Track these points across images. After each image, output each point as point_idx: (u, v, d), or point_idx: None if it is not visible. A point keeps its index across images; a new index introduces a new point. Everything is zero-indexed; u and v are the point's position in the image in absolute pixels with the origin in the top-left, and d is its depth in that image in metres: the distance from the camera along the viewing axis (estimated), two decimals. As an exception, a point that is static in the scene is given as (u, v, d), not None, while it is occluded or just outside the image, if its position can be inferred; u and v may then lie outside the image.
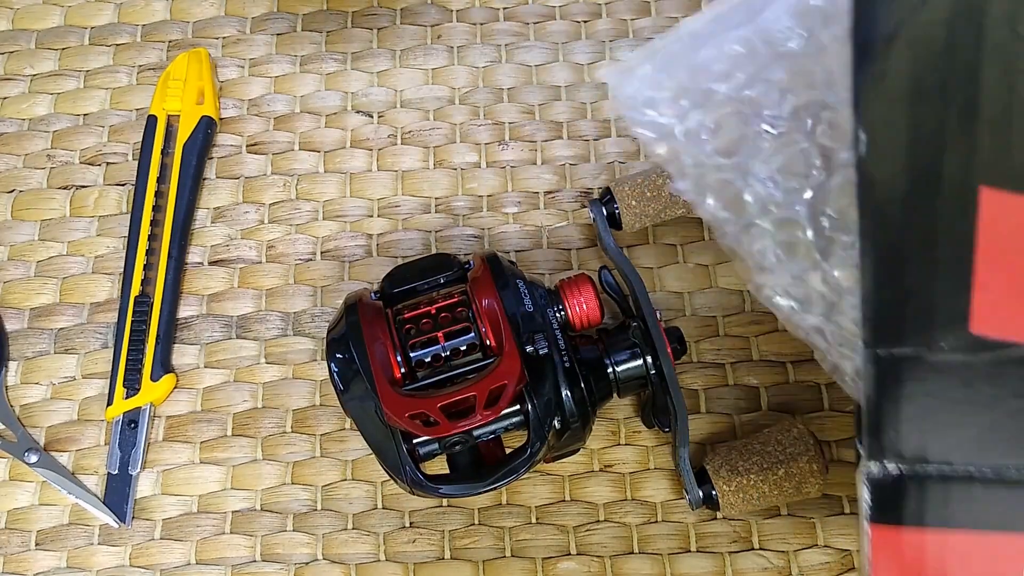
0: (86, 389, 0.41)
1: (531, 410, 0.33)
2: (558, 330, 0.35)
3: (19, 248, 0.44)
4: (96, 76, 0.48)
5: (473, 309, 0.35)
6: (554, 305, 0.36)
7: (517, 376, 0.32)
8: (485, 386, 0.32)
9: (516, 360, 0.33)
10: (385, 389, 0.33)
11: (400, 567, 0.38)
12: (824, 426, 0.40)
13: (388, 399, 0.32)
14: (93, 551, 0.39)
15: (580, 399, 0.34)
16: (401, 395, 0.33)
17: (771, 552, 0.38)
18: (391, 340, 0.34)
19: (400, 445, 0.33)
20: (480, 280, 0.35)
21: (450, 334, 0.34)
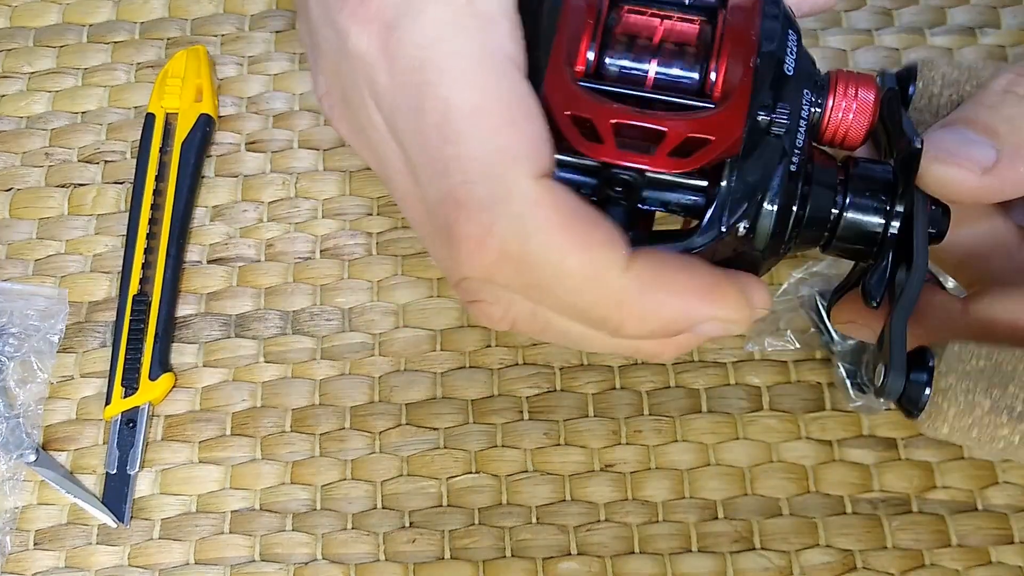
0: (84, 388, 0.41)
1: (722, 191, 0.23)
2: (805, 122, 0.24)
3: (17, 246, 0.44)
4: (94, 74, 0.47)
5: (716, 41, 0.24)
6: (815, 94, 0.25)
7: (731, 138, 0.22)
8: (683, 128, 0.22)
9: (739, 118, 0.22)
10: (557, 70, 0.23)
11: (400, 567, 0.38)
12: (825, 426, 0.40)
13: (554, 83, 0.22)
14: (91, 551, 0.39)
15: (783, 221, 0.24)
16: (573, 85, 0.23)
17: (772, 552, 0.38)
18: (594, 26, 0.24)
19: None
20: (742, 8, 0.24)
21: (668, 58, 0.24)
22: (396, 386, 0.41)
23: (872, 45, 0.46)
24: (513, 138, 0.20)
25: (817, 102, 0.25)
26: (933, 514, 0.39)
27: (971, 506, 0.39)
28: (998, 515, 0.38)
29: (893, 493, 0.39)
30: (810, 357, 0.41)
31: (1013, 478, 0.39)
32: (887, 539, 0.38)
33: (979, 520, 0.38)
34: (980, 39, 0.46)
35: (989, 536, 0.38)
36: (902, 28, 0.47)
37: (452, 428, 0.40)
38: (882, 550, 0.38)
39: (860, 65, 0.46)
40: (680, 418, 0.40)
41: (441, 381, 0.41)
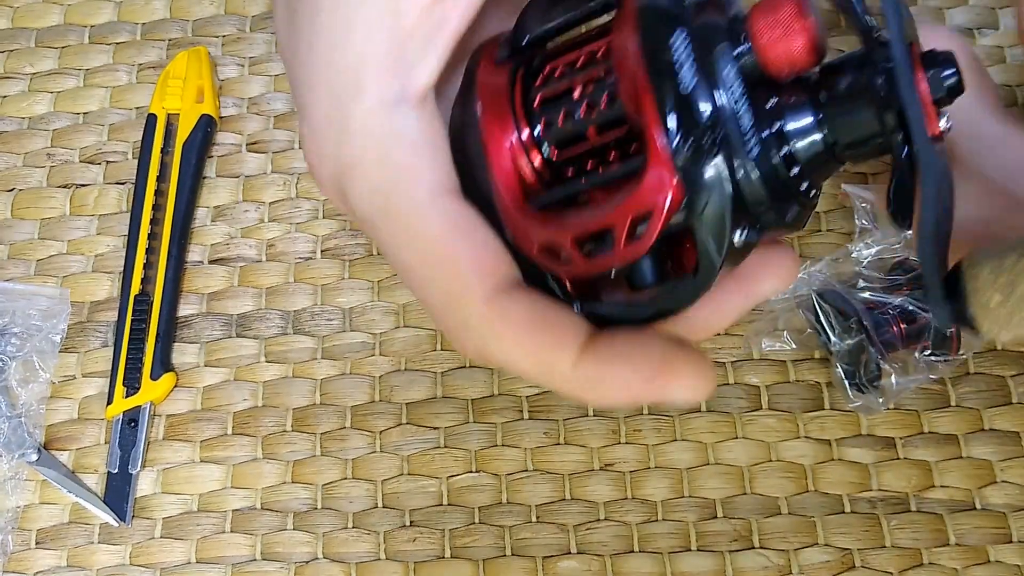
0: (86, 388, 0.41)
1: (697, 239, 0.22)
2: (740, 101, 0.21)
3: (19, 247, 0.44)
4: (96, 75, 0.47)
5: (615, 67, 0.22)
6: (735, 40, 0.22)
7: (666, 198, 0.21)
8: (623, 213, 0.22)
9: (665, 170, 0.21)
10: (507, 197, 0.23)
11: (400, 566, 0.38)
12: (824, 425, 0.40)
13: (511, 218, 0.23)
14: (93, 550, 0.39)
15: (753, 228, 0.22)
16: (527, 215, 0.23)
17: (771, 551, 0.38)
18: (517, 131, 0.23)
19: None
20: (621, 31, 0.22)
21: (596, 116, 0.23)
22: (396, 385, 0.41)
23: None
24: (459, 273, 0.22)
25: (745, 50, 0.21)
26: (931, 513, 0.39)
27: (969, 505, 0.39)
28: (996, 514, 0.39)
29: (892, 492, 0.39)
30: (809, 357, 0.41)
31: (1011, 477, 0.39)
32: (885, 538, 0.38)
33: (977, 519, 0.39)
34: (979, 40, 0.47)
35: (987, 535, 0.38)
36: (901, 29, 0.47)
37: (452, 427, 0.40)
38: (881, 549, 0.38)
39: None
40: (679, 417, 0.40)
41: (441, 380, 0.41)
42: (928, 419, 0.40)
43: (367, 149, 0.22)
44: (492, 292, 0.22)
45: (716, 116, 0.21)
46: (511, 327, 0.22)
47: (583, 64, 0.23)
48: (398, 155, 0.21)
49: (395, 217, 0.22)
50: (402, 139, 0.21)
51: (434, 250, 0.22)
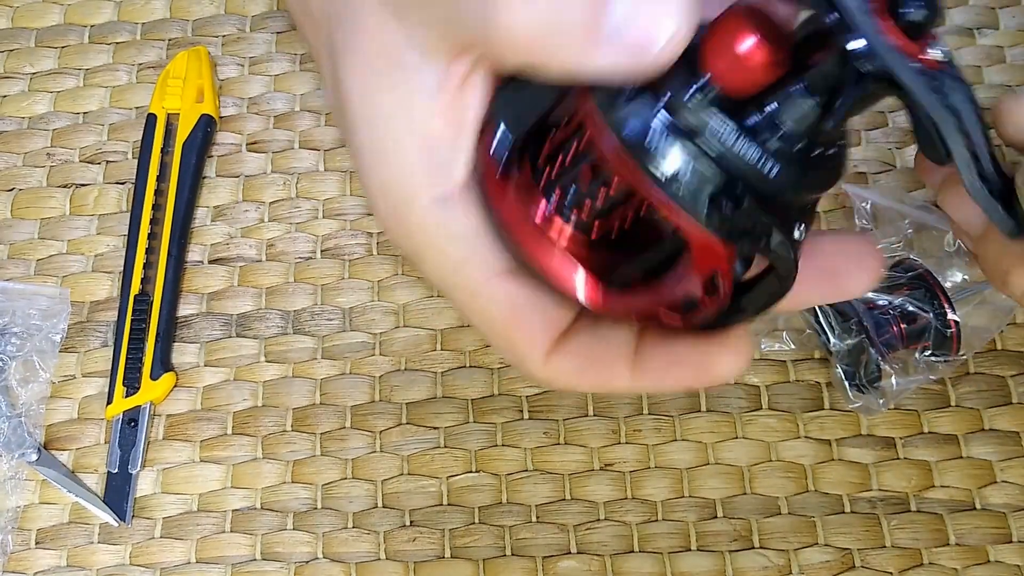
0: (86, 388, 0.41)
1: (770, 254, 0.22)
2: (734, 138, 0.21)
3: (19, 247, 0.44)
4: (96, 74, 0.47)
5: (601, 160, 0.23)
6: (693, 79, 0.21)
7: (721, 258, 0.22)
8: (694, 281, 0.23)
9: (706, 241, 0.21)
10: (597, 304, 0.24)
11: (400, 566, 0.38)
12: (824, 425, 0.40)
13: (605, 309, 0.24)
14: (93, 550, 0.39)
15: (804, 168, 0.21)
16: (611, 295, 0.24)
17: (771, 551, 0.38)
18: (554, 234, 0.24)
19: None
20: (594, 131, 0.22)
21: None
22: (396, 385, 0.41)
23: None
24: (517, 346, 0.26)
25: (704, 81, 0.21)
26: (931, 513, 0.39)
27: (969, 505, 0.39)
28: (996, 514, 0.39)
29: (891, 492, 0.39)
30: (809, 356, 0.41)
31: (1011, 477, 0.39)
32: (886, 538, 0.38)
33: (977, 519, 0.39)
34: (978, 40, 0.46)
35: (987, 535, 0.38)
36: (901, 29, 0.47)
37: (452, 427, 0.40)
38: (881, 549, 0.38)
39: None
40: (679, 417, 0.40)
41: (441, 380, 0.41)
42: (928, 419, 0.40)
43: (426, 245, 0.25)
44: (545, 355, 0.26)
45: (726, 173, 0.21)
46: (564, 376, 0.26)
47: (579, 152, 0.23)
48: (452, 249, 0.25)
49: (458, 297, 0.26)
50: (452, 234, 0.25)
51: (494, 327, 0.26)
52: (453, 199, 0.25)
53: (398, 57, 0.23)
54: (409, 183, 0.25)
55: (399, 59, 0.23)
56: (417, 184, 0.25)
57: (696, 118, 0.21)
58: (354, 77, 0.25)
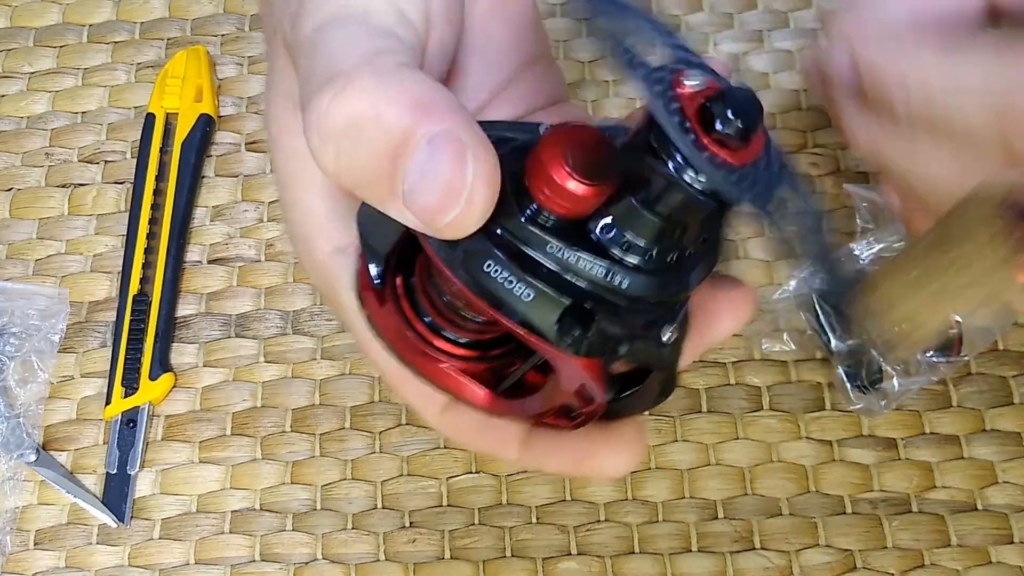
0: (84, 388, 0.41)
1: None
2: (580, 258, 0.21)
3: (17, 247, 0.44)
4: (94, 74, 0.47)
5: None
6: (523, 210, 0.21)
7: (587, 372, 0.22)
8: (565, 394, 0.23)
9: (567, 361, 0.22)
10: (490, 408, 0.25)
11: (400, 567, 0.38)
12: (825, 426, 0.40)
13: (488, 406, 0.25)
14: (92, 551, 0.39)
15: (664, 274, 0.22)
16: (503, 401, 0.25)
17: (772, 552, 0.38)
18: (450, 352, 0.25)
19: None
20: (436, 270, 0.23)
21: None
22: (396, 386, 0.41)
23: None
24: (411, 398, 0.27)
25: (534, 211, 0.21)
26: (933, 514, 0.39)
27: (971, 506, 0.39)
28: (998, 515, 0.39)
29: (893, 493, 0.39)
30: (810, 357, 0.41)
31: (1013, 478, 0.39)
32: (887, 539, 0.38)
33: (979, 520, 0.38)
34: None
35: (989, 536, 0.38)
36: (902, 28, 0.47)
37: (452, 428, 0.40)
38: (882, 550, 0.38)
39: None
40: (680, 418, 0.40)
41: (441, 381, 0.41)
42: (929, 420, 0.40)
43: (327, 287, 0.26)
44: (442, 408, 0.26)
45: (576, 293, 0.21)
46: (462, 434, 0.27)
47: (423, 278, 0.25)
48: (344, 297, 0.25)
49: (358, 339, 0.26)
50: (345, 284, 0.25)
51: (389, 374, 0.26)
52: (347, 252, 0.25)
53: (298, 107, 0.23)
54: (312, 228, 0.26)
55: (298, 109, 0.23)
56: (318, 232, 0.25)
57: (534, 244, 0.21)
58: (271, 113, 0.26)
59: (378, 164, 0.20)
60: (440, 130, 0.19)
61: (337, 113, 0.20)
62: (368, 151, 0.20)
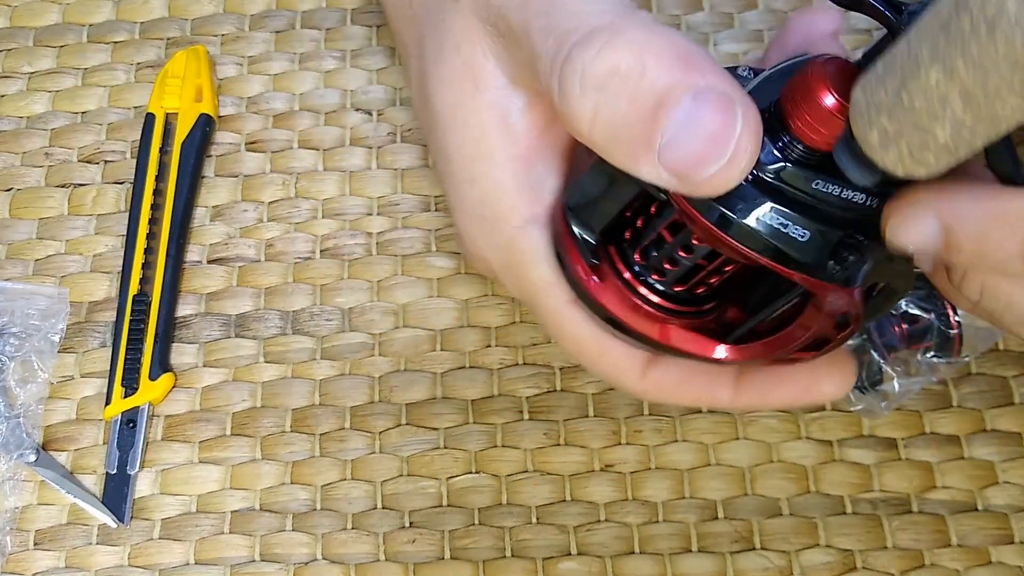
0: (84, 388, 0.41)
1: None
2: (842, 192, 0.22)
3: (17, 247, 0.44)
4: (94, 74, 0.47)
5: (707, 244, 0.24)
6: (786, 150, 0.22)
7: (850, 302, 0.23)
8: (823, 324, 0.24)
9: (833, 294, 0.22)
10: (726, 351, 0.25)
11: (400, 567, 0.38)
12: (825, 426, 0.40)
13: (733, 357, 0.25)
14: (92, 551, 0.39)
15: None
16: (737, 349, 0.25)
17: (772, 552, 0.38)
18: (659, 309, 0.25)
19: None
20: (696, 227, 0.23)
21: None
22: (396, 386, 0.41)
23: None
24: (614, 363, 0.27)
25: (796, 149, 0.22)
26: (933, 514, 0.39)
27: (971, 506, 0.39)
28: (998, 515, 0.38)
29: (893, 493, 0.39)
30: (810, 357, 0.41)
31: (1013, 478, 0.39)
32: (887, 539, 0.38)
33: (979, 520, 0.38)
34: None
35: (989, 536, 0.38)
36: (902, 28, 0.47)
37: (452, 428, 0.40)
38: (882, 550, 0.38)
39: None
40: (680, 418, 0.40)
41: (441, 381, 0.41)
42: (930, 420, 0.40)
43: (515, 265, 0.26)
44: (643, 370, 0.26)
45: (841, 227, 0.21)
46: (668, 390, 0.26)
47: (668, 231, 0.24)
48: (537, 271, 0.25)
49: (543, 317, 0.26)
50: (538, 257, 0.25)
51: (585, 346, 0.26)
52: (540, 223, 0.25)
53: (486, 78, 0.23)
54: (503, 201, 0.25)
55: (487, 80, 0.23)
56: (510, 203, 0.25)
57: (795, 182, 0.21)
58: (443, 90, 0.25)
59: (638, 116, 0.19)
60: (706, 84, 0.19)
61: (604, 63, 0.19)
62: (629, 103, 0.19)
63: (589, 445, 0.40)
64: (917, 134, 0.18)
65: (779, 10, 0.48)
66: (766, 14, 0.48)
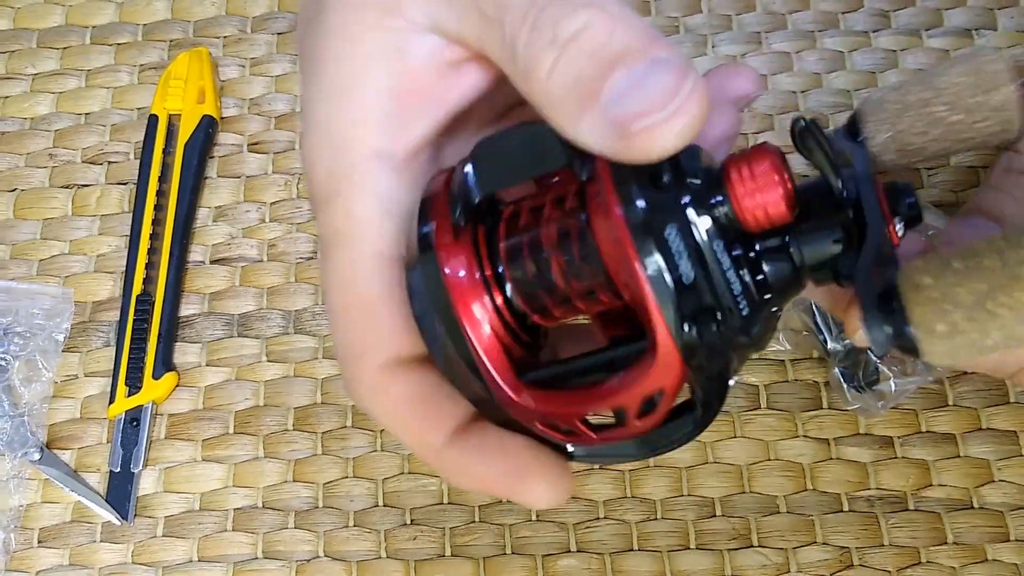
0: (88, 387, 0.42)
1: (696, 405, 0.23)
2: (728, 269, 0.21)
3: (21, 247, 0.44)
4: (97, 75, 0.48)
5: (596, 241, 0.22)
6: (713, 195, 0.22)
7: (677, 380, 0.22)
8: (636, 393, 0.22)
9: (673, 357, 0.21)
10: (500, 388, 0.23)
11: (401, 564, 0.38)
12: (822, 424, 0.40)
13: (507, 402, 0.23)
14: (95, 548, 0.39)
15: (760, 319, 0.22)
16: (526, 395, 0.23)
17: (770, 549, 0.38)
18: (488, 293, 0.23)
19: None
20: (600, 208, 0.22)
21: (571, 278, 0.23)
22: (397, 385, 0.41)
23: (869, 47, 0.47)
24: (364, 337, 0.23)
25: (721, 201, 0.22)
26: (929, 512, 0.39)
27: (967, 504, 0.39)
28: (994, 513, 0.39)
29: (890, 491, 0.39)
30: (807, 356, 0.41)
31: (1009, 476, 0.39)
32: (884, 536, 0.38)
33: (975, 518, 0.39)
34: (977, 41, 0.47)
35: (985, 534, 0.38)
36: (899, 30, 0.47)
37: (453, 427, 0.40)
38: (879, 547, 0.38)
39: (857, 66, 0.46)
40: (679, 417, 0.40)
41: (442, 380, 0.41)
42: (926, 418, 0.40)
43: (346, 190, 0.23)
44: (386, 363, 0.23)
45: (714, 300, 0.21)
46: (391, 401, 0.23)
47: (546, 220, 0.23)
48: (364, 208, 0.23)
49: (340, 262, 0.23)
50: (377, 193, 0.23)
51: (354, 306, 0.23)
52: (392, 161, 0.23)
53: (404, 8, 0.22)
54: (362, 123, 0.23)
55: (401, 12, 0.22)
56: (370, 127, 0.23)
57: (707, 232, 0.21)
58: (343, 13, 0.23)
59: (593, 71, 0.20)
60: (666, 56, 0.19)
61: (576, 21, 0.20)
62: (588, 58, 0.20)
63: (588, 443, 0.40)
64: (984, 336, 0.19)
65: (777, 12, 0.48)
66: (764, 16, 0.48)
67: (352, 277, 0.23)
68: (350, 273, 0.23)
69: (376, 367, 0.23)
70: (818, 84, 0.46)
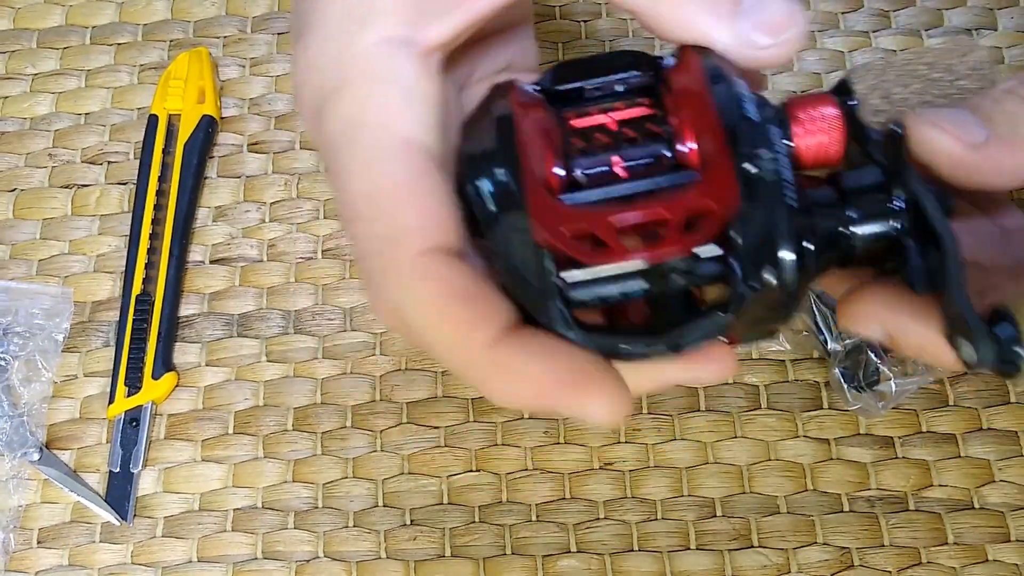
0: (88, 387, 0.42)
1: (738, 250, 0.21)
2: (785, 157, 0.22)
3: (21, 247, 0.44)
4: (97, 75, 0.48)
5: (670, 117, 0.23)
6: (781, 129, 0.23)
7: (728, 197, 0.21)
8: (681, 205, 0.21)
9: (728, 176, 0.21)
10: (538, 195, 0.21)
11: (401, 564, 0.38)
12: (822, 424, 0.40)
13: (540, 209, 0.21)
14: (95, 549, 0.39)
15: (802, 257, 0.21)
16: (558, 204, 0.22)
17: (770, 549, 0.38)
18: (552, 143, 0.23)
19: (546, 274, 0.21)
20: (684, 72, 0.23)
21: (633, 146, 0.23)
22: (397, 385, 0.41)
23: (869, 47, 0.47)
24: (401, 220, 0.20)
25: (786, 136, 0.23)
26: (930, 512, 0.39)
27: (968, 504, 0.39)
28: (994, 513, 0.39)
29: (890, 491, 0.39)
30: (807, 356, 0.41)
31: (1009, 477, 0.39)
32: (884, 537, 0.38)
33: (975, 518, 0.39)
34: (977, 41, 0.47)
35: (985, 534, 0.38)
36: (899, 30, 0.47)
37: (452, 426, 0.40)
38: (879, 548, 0.38)
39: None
40: (679, 417, 0.40)
41: (441, 380, 0.41)
42: (926, 418, 0.40)
43: (360, 77, 0.21)
44: (427, 249, 0.20)
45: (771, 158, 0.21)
46: (434, 289, 0.20)
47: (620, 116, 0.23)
48: (388, 92, 0.21)
49: (362, 148, 0.21)
50: (398, 79, 0.21)
51: (387, 192, 0.20)
52: (413, 50, 0.21)
53: None
54: (377, 8, 0.21)
55: None
56: (386, 13, 0.21)
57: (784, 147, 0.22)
58: None
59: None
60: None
61: None
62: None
63: (588, 443, 0.40)
64: None
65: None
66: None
67: (378, 163, 0.20)
68: (374, 159, 0.21)
69: (417, 251, 0.20)
70: (818, 84, 0.46)
